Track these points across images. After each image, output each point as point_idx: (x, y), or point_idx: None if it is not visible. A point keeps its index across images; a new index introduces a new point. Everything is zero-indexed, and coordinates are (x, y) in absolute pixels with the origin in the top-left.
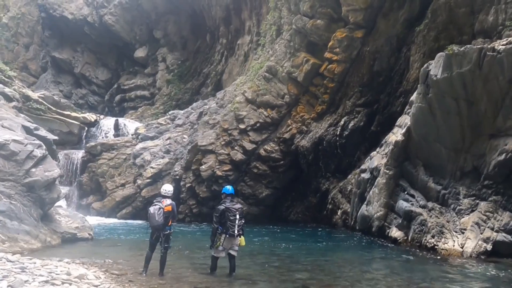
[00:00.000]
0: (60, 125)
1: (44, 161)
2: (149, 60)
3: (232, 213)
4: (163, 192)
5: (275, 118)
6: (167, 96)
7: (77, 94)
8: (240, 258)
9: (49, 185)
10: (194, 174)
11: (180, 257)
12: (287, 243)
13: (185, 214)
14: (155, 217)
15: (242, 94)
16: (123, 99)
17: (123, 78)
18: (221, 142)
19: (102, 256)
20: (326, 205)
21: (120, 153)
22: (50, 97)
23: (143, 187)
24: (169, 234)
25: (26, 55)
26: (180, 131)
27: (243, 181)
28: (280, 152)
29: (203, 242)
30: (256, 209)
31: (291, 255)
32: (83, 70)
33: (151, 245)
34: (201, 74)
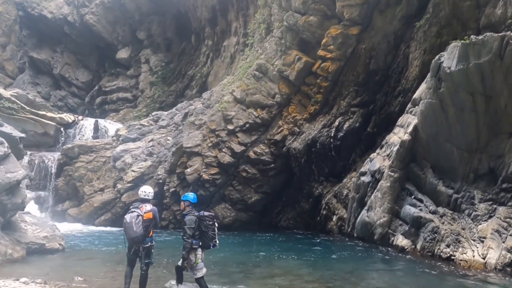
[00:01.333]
0: (35, 126)
1: (6, 160)
2: (132, 61)
3: (209, 221)
4: (142, 195)
5: (266, 118)
6: (150, 99)
7: (56, 96)
8: (233, 273)
9: (12, 188)
10: (179, 178)
11: (166, 271)
12: (283, 253)
13: (169, 220)
14: (133, 227)
15: (230, 94)
16: (104, 101)
17: (105, 79)
18: (208, 144)
19: (72, 273)
20: (320, 211)
21: (99, 155)
22: (24, 95)
23: (124, 192)
24: (150, 247)
25: (2, 55)
26: (163, 133)
27: (231, 185)
28: (270, 155)
29: None
30: (244, 215)
31: (292, 269)
32: (63, 71)
33: (130, 261)
34: (186, 76)
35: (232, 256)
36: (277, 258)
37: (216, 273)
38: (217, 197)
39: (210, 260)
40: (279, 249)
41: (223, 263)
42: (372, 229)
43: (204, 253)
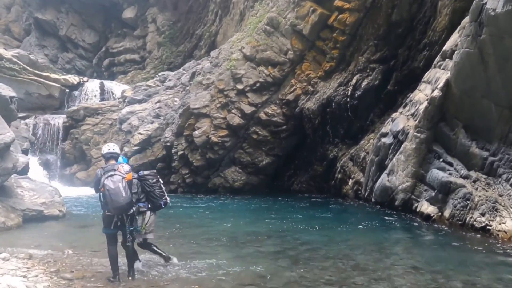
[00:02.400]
0: (39, 88)
1: None
2: (138, 21)
3: (152, 179)
4: (110, 150)
5: (277, 77)
6: (158, 60)
7: (64, 58)
8: (243, 244)
9: (0, 152)
10: (187, 141)
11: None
12: (296, 220)
13: (178, 184)
14: (121, 192)
15: (239, 51)
16: (112, 64)
17: (111, 41)
18: (216, 105)
19: (65, 243)
20: (334, 174)
21: (106, 118)
22: (26, 56)
23: (131, 155)
24: (133, 214)
25: (8, 17)
26: (170, 94)
27: (241, 148)
28: (282, 116)
29: (201, 218)
30: (255, 178)
31: (307, 240)
32: (69, 33)
33: (112, 237)
34: (194, 35)
35: (242, 224)
36: (290, 226)
37: (222, 245)
38: (227, 160)
39: (217, 228)
40: (292, 216)
41: (231, 232)
42: (393, 194)
43: (155, 216)
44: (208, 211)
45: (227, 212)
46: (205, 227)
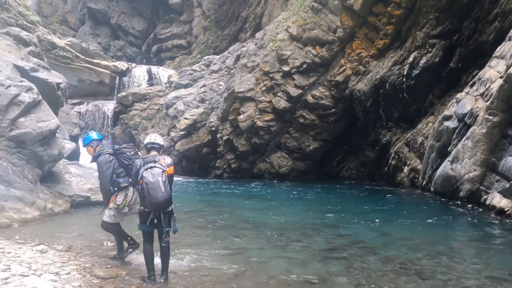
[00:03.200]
0: (90, 75)
1: (37, 108)
2: (185, 6)
3: (129, 152)
4: (152, 140)
5: (326, 57)
6: (204, 44)
7: (115, 46)
8: (288, 240)
9: (46, 138)
10: (232, 125)
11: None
12: (347, 212)
13: (223, 169)
14: (161, 187)
15: (285, 31)
16: (160, 49)
17: (159, 27)
18: (262, 88)
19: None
20: (388, 161)
21: (153, 103)
22: (78, 44)
23: (177, 140)
24: (172, 212)
25: (64, 8)
26: (215, 78)
27: (287, 132)
28: (331, 98)
29: (250, 209)
30: (302, 164)
31: (359, 237)
32: (119, 21)
33: (148, 235)
34: (239, 18)
35: (288, 215)
36: (341, 218)
37: (267, 240)
38: (272, 146)
39: (262, 219)
40: (343, 206)
41: (276, 224)
42: (457, 184)
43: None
44: (253, 199)
45: (272, 200)
46: (249, 218)
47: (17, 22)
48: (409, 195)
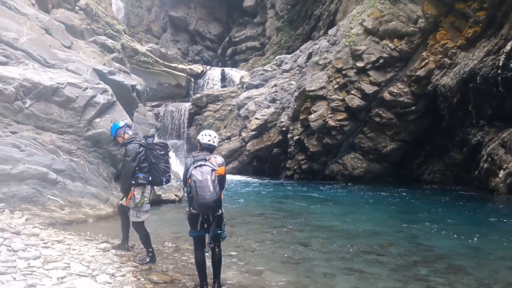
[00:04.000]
0: (168, 78)
1: (111, 109)
2: (258, 8)
3: (160, 151)
4: (206, 140)
5: (405, 50)
6: (277, 45)
7: (193, 51)
8: (360, 251)
9: None
10: (303, 125)
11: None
12: (429, 224)
13: (294, 170)
14: (209, 186)
15: (359, 25)
16: (234, 52)
17: (234, 30)
18: (334, 86)
19: (171, 232)
20: (478, 164)
21: (226, 104)
22: (157, 49)
23: (248, 140)
24: (222, 214)
25: (148, 18)
26: (287, 77)
27: (362, 132)
28: (411, 95)
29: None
30: (378, 166)
31: (447, 253)
32: (197, 26)
33: (199, 240)
34: (312, 17)
35: (360, 222)
36: (422, 228)
37: (335, 251)
38: (346, 146)
39: (331, 226)
40: (424, 213)
41: (346, 232)
42: None
43: (153, 191)
44: (323, 203)
45: (344, 205)
46: (317, 224)
47: (105, 31)
48: (506, 204)
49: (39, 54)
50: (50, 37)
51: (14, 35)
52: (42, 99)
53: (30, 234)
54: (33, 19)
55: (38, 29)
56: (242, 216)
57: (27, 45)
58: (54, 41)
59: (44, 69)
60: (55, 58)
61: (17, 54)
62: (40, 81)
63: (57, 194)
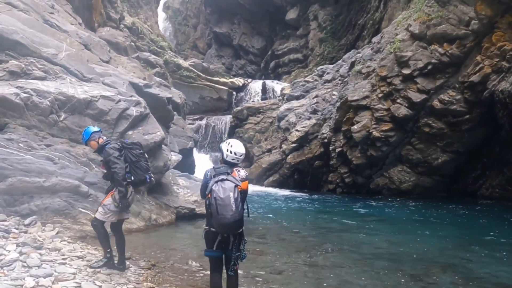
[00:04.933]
0: (210, 92)
1: (144, 122)
2: (301, 20)
3: (138, 150)
4: (234, 156)
5: (456, 55)
6: (320, 56)
7: (237, 65)
8: (407, 276)
9: (151, 151)
10: (345, 137)
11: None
12: (485, 247)
13: (336, 184)
14: (231, 205)
15: (405, 30)
16: (277, 65)
17: (277, 43)
18: (378, 95)
19: (198, 250)
20: None
21: (266, 116)
22: (200, 64)
23: (288, 153)
24: (242, 233)
25: (195, 35)
26: (329, 88)
27: (410, 143)
28: (464, 103)
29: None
30: (428, 179)
31: (507, 282)
32: (241, 41)
33: (216, 262)
34: (356, 26)
35: (409, 242)
36: (476, 250)
37: (378, 273)
38: (392, 158)
39: (375, 245)
40: (480, 234)
41: (390, 254)
42: None
43: (136, 193)
44: (366, 220)
45: (390, 222)
46: (359, 243)
47: (149, 48)
48: None
49: (77, 68)
50: (89, 52)
51: (54, 51)
52: (76, 112)
53: (52, 248)
54: (73, 36)
55: (77, 44)
56: (276, 233)
57: (65, 60)
58: (93, 56)
59: (80, 83)
60: (92, 72)
61: (56, 69)
62: (74, 95)
63: (88, 207)
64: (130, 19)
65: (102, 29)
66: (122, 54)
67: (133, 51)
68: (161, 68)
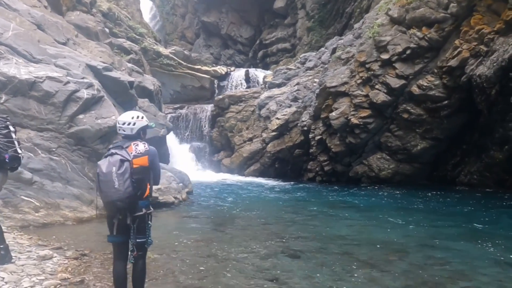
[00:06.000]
0: (192, 80)
1: (97, 105)
2: (289, 9)
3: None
4: (118, 126)
5: (435, 39)
6: (307, 45)
7: (225, 55)
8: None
9: (106, 136)
10: (324, 124)
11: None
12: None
13: (316, 172)
14: (113, 181)
15: (385, 14)
16: (265, 55)
17: (265, 33)
18: (357, 81)
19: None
20: None
21: (248, 105)
22: (181, 52)
23: (269, 141)
24: (145, 216)
25: (183, 24)
26: (310, 75)
27: (389, 130)
28: (442, 88)
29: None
30: (408, 167)
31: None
32: (229, 31)
33: (118, 248)
34: (344, 15)
35: (378, 232)
36: (441, 235)
37: (355, 269)
38: (371, 146)
39: (356, 238)
40: (452, 219)
41: (370, 245)
42: None
43: (3, 175)
44: (341, 208)
45: (362, 210)
46: (324, 233)
47: (127, 34)
48: None
49: (25, 49)
50: (41, 33)
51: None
52: (19, 94)
53: None
54: (24, 15)
55: (28, 24)
56: (239, 223)
57: (12, 40)
58: (46, 37)
59: (27, 64)
60: (44, 53)
61: (1, 49)
62: (15, 75)
63: (32, 195)
64: (106, 5)
65: (72, 13)
66: (93, 39)
67: (106, 37)
68: (136, 54)
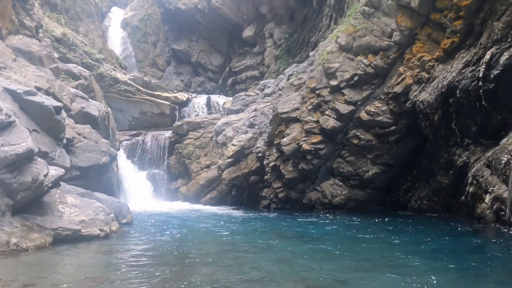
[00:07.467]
0: (151, 107)
1: (5, 131)
2: (257, 38)
3: None
4: None
5: (380, 66)
6: (275, 73)
7: (196, 82)
8: None
9: (15, 164)
10: (278, 150)
11: None
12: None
13: (270, 199)
14: None
15: (334, 42)
16: (234, 82)
17: (234, 60)
18: (308, 107)
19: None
20: (465, 187)
21: (207, 131)
22: (140, 78)
23: (224, 168)
24: None
25: (154, 52)
26: (268, 101)
27: (340, 156)
28: (389, 114)
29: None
30: (361, 192)
31: None
32: (199, 58)
33: None
34: (309, 44)
35: (299, 265)
36: (371, 272)
37: None
38: (324, 172)
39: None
40: (385, 250)
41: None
42: None
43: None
44: (283, 239)
45: (305, 241)
46: (249, 268)
47: (82, 60)
48: (495, 235)
49: None
50: None
51: None
52: None
53: None
54: None
55: None
56: (166, 259)
57: None
58: None
59: None
60: None
61: None
62: None
63: None
64: (60, 30)
65: (14, 37)
66: (36, 63)
67: (52, 61)
68: (86, 80)
